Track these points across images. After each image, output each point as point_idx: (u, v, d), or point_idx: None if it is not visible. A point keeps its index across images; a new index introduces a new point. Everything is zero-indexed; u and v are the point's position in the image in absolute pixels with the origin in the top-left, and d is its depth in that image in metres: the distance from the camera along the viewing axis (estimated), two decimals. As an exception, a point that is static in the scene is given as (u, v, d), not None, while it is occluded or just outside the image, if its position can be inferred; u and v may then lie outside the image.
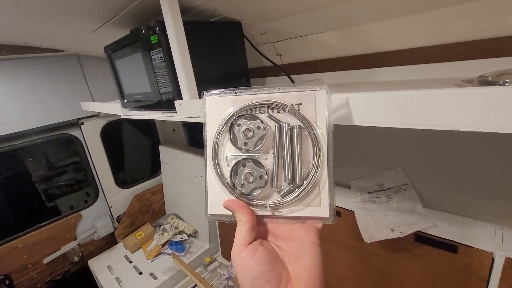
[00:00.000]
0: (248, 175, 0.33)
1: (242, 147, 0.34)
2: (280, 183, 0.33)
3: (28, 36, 1.07)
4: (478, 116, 0.24)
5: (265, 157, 0.33)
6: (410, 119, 0.29)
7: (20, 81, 1.29)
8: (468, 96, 0.25)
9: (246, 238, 0.30)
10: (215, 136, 0.34)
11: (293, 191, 0.32)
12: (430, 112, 0.28)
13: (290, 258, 0.30)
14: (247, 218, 0.31)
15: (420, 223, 0.73)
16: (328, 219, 0.32)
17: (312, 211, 0.32)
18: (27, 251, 1.37)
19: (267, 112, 0.33)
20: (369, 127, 0.33)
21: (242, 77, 0.83)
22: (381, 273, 0.84)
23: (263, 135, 0.33)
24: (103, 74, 1.53)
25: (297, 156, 0.32)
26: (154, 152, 1.85)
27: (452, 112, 0.26)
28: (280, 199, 0.33)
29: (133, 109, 0.92)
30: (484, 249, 0.64)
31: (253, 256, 0.28)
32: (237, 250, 0.29)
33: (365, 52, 0.73)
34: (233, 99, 0.34)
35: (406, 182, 0.82)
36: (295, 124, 0.32)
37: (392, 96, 0.30)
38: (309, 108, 0.32)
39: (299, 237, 0.31)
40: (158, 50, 0.64)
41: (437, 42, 0.61)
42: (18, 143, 1.33)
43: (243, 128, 0.34)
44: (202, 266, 1.42)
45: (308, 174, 0.32)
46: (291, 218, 0.33)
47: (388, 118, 0.31)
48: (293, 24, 0.74)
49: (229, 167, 0.34)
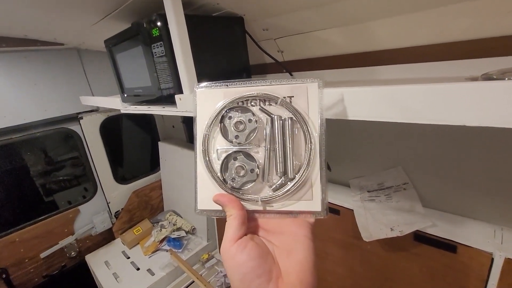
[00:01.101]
0: (239, 169, 0.33)
1: (233, 140, 0.33)
2: (272, 177, 0.33)
3: (28, 29, 1.06)
4: (485, 111, 0.24)
5: (257, 150, 0.33)
6: (414, 114, 0.29)
7: (19, 74, 1.28)
8: (476, 91, 0.24)
9: (236, 233, 0.29)
10: (205, 129, 0.33)
11: (284, 184, 0.32)
12: (435, 107, 0.27)
13: (281, 253, 0.30)
14: (237, 213, 0.30)
15: (419, 222, 0.72)
16: (320, 213, 0.32)
17: (304, 205, 0.32)
18: (24, 245, 1.37)
19: (258, 105, 0.33)
20: (370, 125, 0.33)
21: (243, 74, 0.82)
22: (380, 272, 0.84)
23: (255, 127, 0.33)
24: (103, 69, 1.52)
25: (289, 149, 0.32)
26: (153, 148, 1.85)
27: (458, 107, 0.26)
28: (272, 193, 0.32)
29: (133, 103, 0.91)
30: (484, 249, 0.64)
31: (243, 251, 0.28)
32: (226, 245, 0.29)
33: (367, 49, 0.73)
34: (225, 92, 0.33)
35: (406, 181, 0.82)
36: (287, 117, 0.32)
37: (396, 90, 0.29)
38: (301, 100, 0.32)
39: (291, 232, 0.31)
40: (159, 44, 0.63)
41: (440, 40, 0.60)
42: (16, 136, 1.33)
43: (234, 121, 0.33)
44: (200, 263, 1.41)
45: (300, 168, 0.31)
46: (283, 213, 0.32)
47: (393, 113, 0.30)
48: (295, 20, 0.74)
49: (220, 161, 0.33)
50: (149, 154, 1.92)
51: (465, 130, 0.69)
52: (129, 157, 1.85)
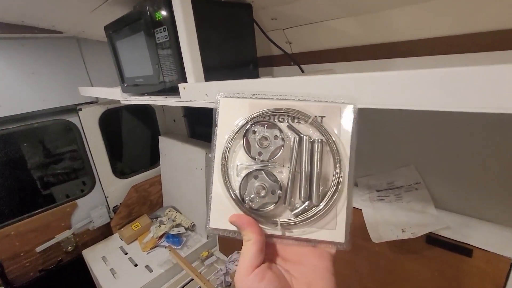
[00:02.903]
0: (260, 188, 0.30)
1: (256, 156, 0.30)
2: (294, 201, 0.30)
3: (25, 14, 1.02)
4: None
5: (280, 170, 0.30)
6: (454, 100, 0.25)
7: (16, 62, 1.23)
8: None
9: (254, 260, 0.26)
10: (226, 142, 0.31)
11: (308, 210, 0.29)
12: (468, 92, 0.23)
13: (300, 286, 0.27)
14: (256, 238, 0.27)
15: (433, 224, 0.69)
16: (343, 245, 0.29)
17: (326, 235, 0.29)
18: (19, 239, 1.33)
19: (286, 121, 0.30)
20: (379, 121, 0.29)
21: (250, 64, 0.78)
22: (388, 275, 0.81)
23: (280, 145, 0.30)
24: (103, 59, 1.47)
25: (316, 173, 0.29)
26: (153, 143, 1.81)
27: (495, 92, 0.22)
28: (293, 218, 0.30)
29: (133, 94, 0.87)
30: (502, 254, 0.61)
31: (261, 282, 0.25)
32: (243, 273, 0.26)
33: (383, 41, 0.69)
34: (251, 103, 0.31)
35: (418, 181, 0.79)
36: (317, 138, 0.29)
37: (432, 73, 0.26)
38: (333, 122, 0.29)
39: (311, 263, 0.29)
40: (163, 28, 0.59)
41: (463, 31, 0.56)
42: (13, 127, 1.29)
43: (259, 136, 0.30)
44: (199, 260, 1.39)
45: (326, 194, 0.29)
46: (303, 240, 0.30)
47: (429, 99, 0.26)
48: (306, 8, 0.69)
49: (239, 178, 0.31)
50: (149, 149, 1.89)
51: (482, 127, 0.65)
52: (129, 151, 1.81)
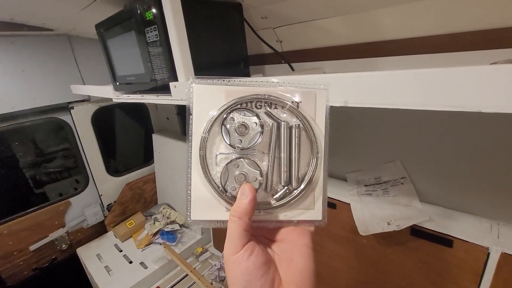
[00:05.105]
0: (241, 177, 0.30)
1: (235, 144, 0.30)
2: (276, 186, 0.31)
3: (15, 11, 1.01)
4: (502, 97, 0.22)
5: (261, 157, 0.31)
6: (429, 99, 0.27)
7: (5, 60, 1.22)
8: (492, 73, 0.22)
9: (242, 238, 0.27)
10: (204, 131, 0.30)
11: (288, 194, 0.31)
12: (447, 92, 0.25)
13: (282, 262, 0.29)
14: (244, 220, 0.28)
15: (416, 217, 0.72)
16: (321, 222, 0.32)
17: (307, 215, 0.31)
18: (12, 238, 1.33)
19: (264, 108, 0.30)
20: (367, 119, 0.31)
21: (241, 63, 0.80)
22: (375, 266, 0.84)
23: (259, 132, 0.30)
24: (95, 57, 1.46)
25: (295, 157, 0.30)
26: (147, 140, 1.81)
27: (473, 92, 0.24)
28: (274, 202, 0.31)
29: (126, 92, 0.88)
30: (480, 244, 0.64)
31: (249, 257, 0.27)
32: (232, 251, 0.27)
33: (370, 40, 0.71)
34: (227, 90, 0.30)
35: (403, 175, 0.82)
36: (295, 124, 0.30)
37: (412, 74, 0.28)
38: (309, 107, 0.30)
39: (291, 240, 0.31)
40: (153, 27, 0.60)
41: (446, 31, 0.59)
42: (4, 125, 1.27)
43: (238, 124, 0.30)
44: (194, 257, 1.40)
45: (304, 177, 0.30)
46: (285, 222, 0.31)
47: (405, 97, 0.28)
48: (296, 8, 0.71)
49: (219, 167, 0.30)
50: (142, 146, 1.88)
51: (462, 124, 0.68)
52: (122, 149, 1.80)
